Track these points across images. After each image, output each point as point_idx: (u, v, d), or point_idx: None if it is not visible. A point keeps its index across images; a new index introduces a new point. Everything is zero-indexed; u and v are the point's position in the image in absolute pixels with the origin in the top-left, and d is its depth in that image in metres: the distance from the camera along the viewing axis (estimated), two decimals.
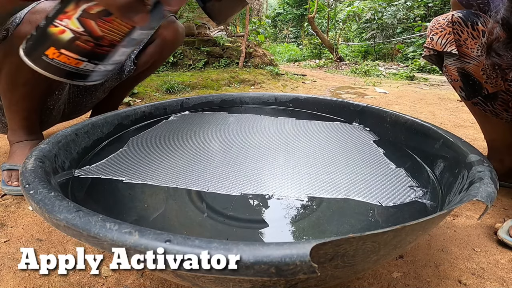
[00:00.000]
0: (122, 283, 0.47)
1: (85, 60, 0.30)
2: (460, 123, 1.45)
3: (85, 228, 0.29)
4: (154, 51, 0.96)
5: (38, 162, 0.45)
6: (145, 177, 0.56)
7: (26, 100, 0.71)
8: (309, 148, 0.71)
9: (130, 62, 0.95)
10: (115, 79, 0.96)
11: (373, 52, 5.92)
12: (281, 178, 0.57)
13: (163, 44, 0.95)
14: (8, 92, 0.70)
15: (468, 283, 0.48)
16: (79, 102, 0.97)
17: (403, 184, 0.55)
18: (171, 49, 1.00)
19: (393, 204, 0.49)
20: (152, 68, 1.04)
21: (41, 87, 0.72)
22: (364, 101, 1.80)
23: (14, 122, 0.75)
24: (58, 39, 0.28)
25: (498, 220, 0.66)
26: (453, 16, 0.68)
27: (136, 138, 0.75)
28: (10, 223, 0.62)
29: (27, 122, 0.75)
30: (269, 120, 0.92)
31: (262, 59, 2.88)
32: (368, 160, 0.65)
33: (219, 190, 0.53)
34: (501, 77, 0.66)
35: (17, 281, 0.47)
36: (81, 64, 0.30)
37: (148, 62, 0.98)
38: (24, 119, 0.75)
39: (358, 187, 0.54)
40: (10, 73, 0.67)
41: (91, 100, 0.99)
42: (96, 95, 0.98)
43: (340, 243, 0.25)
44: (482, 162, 0.47)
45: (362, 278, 0.49)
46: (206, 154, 0.68)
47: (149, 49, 0.96)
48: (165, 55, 1.02)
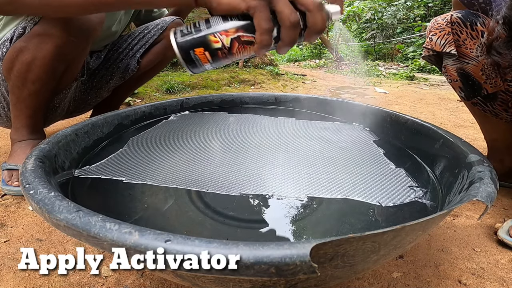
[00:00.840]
0: (122, 283, 0.47)
1: (211, 62, 0.39)
2: (460, 123, 1.45)
3: (85, 228, 0.29)
4: (159, 51, 0.98)
5: (38, 162, 0.45)
6: (145, 177, 0.56)
7: (34, 98, 0.71)
8: (309, 148, 0.71)
9: (134, 61, 0.96)
10: (120, 78, 0.97)
11: (373, 52, 5.92)
12: (280, 178, 0.57)
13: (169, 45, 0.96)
14: (17, 89, 0.70)
15: (468, 283, 0.48)
16: (83, 100, 0.97)
17: (403, 184, 0.55)
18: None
19: (392, 204, 0.49)
20: (156, 69, 1.05)
21: (50, 85, 0.71)
22: (364, 101, 1.80)
23: (19, 120, 0.75)
24: (210, 46, 0.38)
25: (498, 220, 0.66)
26: (452, 16, 0.69)
27: (136, 138, 0.75)
28: (10, 223, 0.62)
29: (31, 120, 0.75)
30: (269, 120, 0.92)
31: (262, 59, 2.88)
32: (368, 160, 0.64)
33: (219, 190, 0.53)
34: (501, 77, 0.66)
35: (17, 281, 0.47)
36: (207, 64, 0.40)
37: (152, 61, 0.99)
38: (29, 117, 0.74)
39: (357, 187, 0.54)
40: (22, 70, 0.67)
41: (95, 98, 1.00)
42: (100, 94, 0.99)
43: (340, 243, 0.25)
44: (482, 162, 0.47)
45: (362, 278, 0.49)
46: (206, 154, 0.68)
47: (155, 49, 0.98)
48: (170, 56, 1.03)
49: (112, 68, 0.96)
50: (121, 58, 0.96)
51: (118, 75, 0.96)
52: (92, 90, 0.97)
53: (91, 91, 0.97)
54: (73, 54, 0.69)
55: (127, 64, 0.96)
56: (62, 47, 0.65)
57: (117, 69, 0.96)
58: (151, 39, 0.96)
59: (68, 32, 0.63)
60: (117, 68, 0.96)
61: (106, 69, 0.96)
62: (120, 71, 0.96)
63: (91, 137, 0.68)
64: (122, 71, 0.96)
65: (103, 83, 0.96)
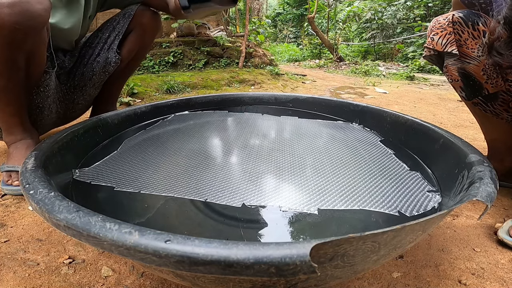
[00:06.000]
0: (122, 283, 0.47)
1: None
2: (460, 123, 1.45)
3: (85, 228, 0.29)
4: (135, 39, 1.00)
5: (38, 162, 0.45)
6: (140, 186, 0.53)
7: (7, 94, 0.70)
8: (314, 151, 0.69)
9: (113, 53, 0.97)
10: (103, 72, 0.98)
11: (373, 52, 5.92)
12: (287, 188, 0.54)
13: (142, 31, 1.00)
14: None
15: (468, 283, 0.48)
16: (70, 100, 0.98)
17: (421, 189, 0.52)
18: (151, 35, 1.04)
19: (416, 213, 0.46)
20: (139, 57, 1.07)
21: (17, 78, 0.70)
22: (364, 101, 1.80)
23: (4, 121, 0.74)
24: None
25: (498, 220, 0.66)
26: (454, 16, 0.68)
27: (134, 139, 0.75)
28: (10, 223, 0.62)
29: (17, 119, 0.75)
30: (270, 121, 0.91)
31: (262, 59, 2.88)
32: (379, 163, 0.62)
33: (219, 200, 0.50)
34: (502, 77, 0.66)
35: (17, 281, 0.47)
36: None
37: (132, 50, 1.01)
38: (13, 115, 0.74)
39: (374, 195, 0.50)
40: None
41: (83, 97, 1.00)
42: (86, 91, 0.99)
43: (340, 243, 0.25)
44: (482, 162, 0.46)
45: (362, 278, 0.49)
46: (205, 158, 0.67)
47: (130, 38, 1.00)
48: (148, 42, 1.05)
49: (91, 64, 0.97)
50: (97, 53, 0.98)
51: (99, 69, 0.97)
52: (76, 89, 0.97)
53: (75, 90, 0.97)
54: (28, 43, 0.68)
55: (106, 58, 0.97)
56: (10, 36, 0.63)
57: (97, 64, 0.97)
58: (123, 28, 0.98)
59: (10, 21, 0.62)
60: (96, 63, 0.97)
61: (84, 66, 0.97)
62: (100, 65, 0.97)
63: (91, 137, 0.68)
64: (103, 65, 0.97)
65: (85, 80, 0.97)
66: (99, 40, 0.99)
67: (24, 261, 0.51)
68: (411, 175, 0.58)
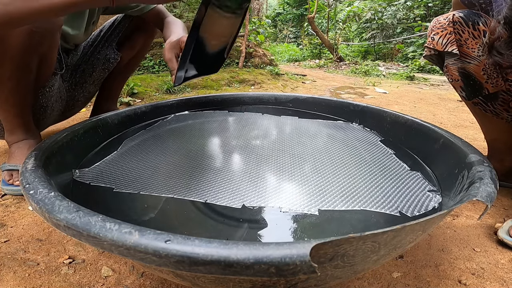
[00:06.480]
0: (122, 283, 0.47)
1: None
2: (460, 123, 1.45)
3: (85, 228, 0.29)
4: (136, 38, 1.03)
5: (38, 162, 0.45)
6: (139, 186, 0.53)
7: (14, 95, 0.70)
8: (315, 150, 0.69)
9: (111, 50, 1.00)
10: (103, 69, 1.01)
11: (373, 52, 5.92)
12: (288, 188, 0.53)
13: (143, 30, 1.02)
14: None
15: (468, 283, 0.48)
16: (71, 97, 0.99)
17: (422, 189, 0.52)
18: (152, 34, 1.06)
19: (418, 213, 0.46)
20: (139, 56, 1.10)
21: (27, 80, 0.71)
22: (364, 101, 1.80)
23: (8, 122, 0.74)
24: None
25: (498, 220, 0.66)
26: (454, 16, 0.68)
27: (134, 140, 0.75)
28: (10, 223, 0.62)
29: (21, 119, 0.75)
30: (270, 121, 0.91)
31: (262, 59, 2.88)
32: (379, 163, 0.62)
33: (219, 201, 0.49)
34: (502, 77, 0.66)
35: (17, 281, 0.47)
36: None
37: (133, 48, 1.04)
38: (17, 116, 0.74)
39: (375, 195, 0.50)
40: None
41: (83, 94, 1.02)
42: (86, 88, 1.01)
43: (340, 243, 0.25)
44: (482, 162, 0.46)
45: (362, 278, 0.49)
46: (204, 158, 0.67)
47: (131, 37, 1.02)
48: (148, 41, 1.07)
49: (91, 61, 1.00)
50: (98, 50, 1.01)
51: (99, 66, 1.00)
52: (77, 86, 1.00)
53: (76, 87, 0.99)
54: (43, 46, 0.68)
55: (105, 55, 1.00)
56: (29, 40, 0.64)
57: (97, 61, 1.00)
58: (123, 27, 1.00)
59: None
60: (96, 60, 1.00)
61: (85, 63, 1.00)
62: (100, 62, 1.00)
63: (91, 137, 0.68)
64: (103, 62, 1.00)
65: (86, 77, 1.00)
66: (101, 38, 1.01)
67: (24, 261, 0.51)
68: (411, 175, 0.58)
